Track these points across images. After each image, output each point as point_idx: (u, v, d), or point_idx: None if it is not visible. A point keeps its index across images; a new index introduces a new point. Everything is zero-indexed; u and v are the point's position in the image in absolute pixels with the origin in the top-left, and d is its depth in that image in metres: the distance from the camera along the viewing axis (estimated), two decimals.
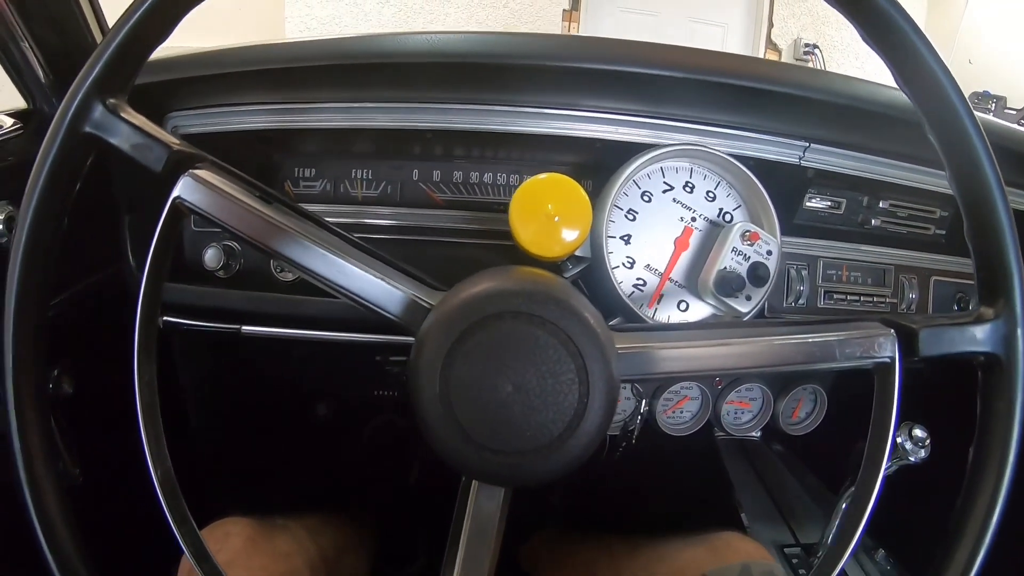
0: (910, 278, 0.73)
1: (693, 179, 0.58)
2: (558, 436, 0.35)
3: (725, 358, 0.41)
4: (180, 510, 0.42)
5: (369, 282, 0.40)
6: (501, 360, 0.35)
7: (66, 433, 0.69)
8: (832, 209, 0.69)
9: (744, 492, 0.78)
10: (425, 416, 0.36)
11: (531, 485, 0.38)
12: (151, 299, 0.42)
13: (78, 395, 0.70)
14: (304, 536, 0.67)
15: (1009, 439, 0.39)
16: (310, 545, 0.66)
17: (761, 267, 0.54)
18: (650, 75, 0.57)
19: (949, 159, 0.41)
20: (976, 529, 0.39)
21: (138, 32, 0.42)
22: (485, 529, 0.40)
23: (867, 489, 0.42)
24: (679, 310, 0.57)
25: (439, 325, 0.36)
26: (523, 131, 0.60)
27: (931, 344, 0.41)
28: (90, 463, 0.72)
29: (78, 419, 0.71)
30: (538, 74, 0.58)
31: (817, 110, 0.62)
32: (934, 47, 0.40)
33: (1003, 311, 0.40)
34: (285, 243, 0.41)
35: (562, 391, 0.35)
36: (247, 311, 0.64)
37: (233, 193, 0.41)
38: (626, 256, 0.56)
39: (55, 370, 0.67)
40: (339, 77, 0.60)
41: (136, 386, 0.42)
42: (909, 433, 0.68)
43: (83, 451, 0.71)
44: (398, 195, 0.66)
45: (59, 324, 0.69)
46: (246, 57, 0.59)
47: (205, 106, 0.64)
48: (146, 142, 0.42)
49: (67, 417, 0.70)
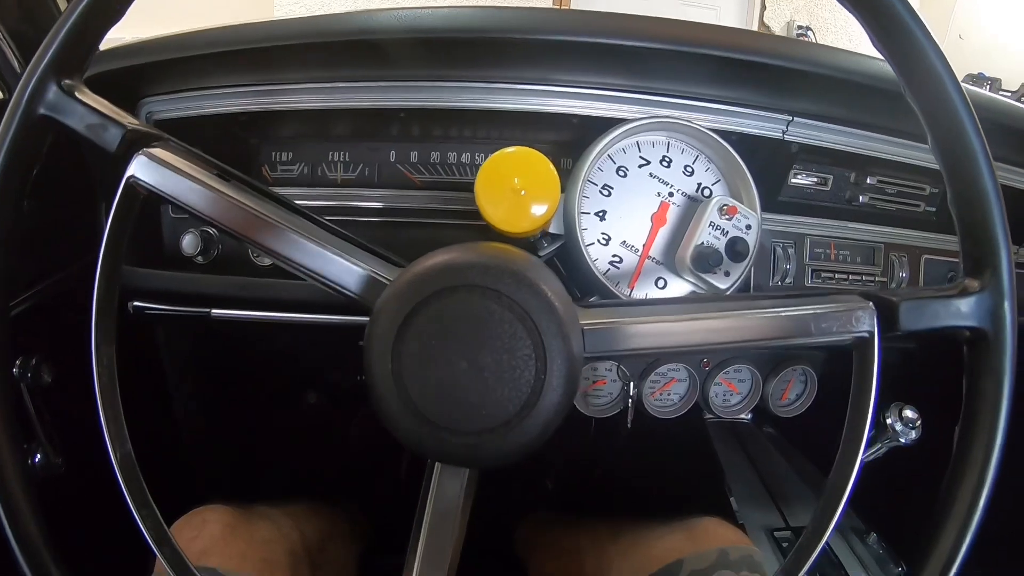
0: (900, 256, 0.71)
1: (670, 153, 0.57)
2: (515, 414, 0.34)
3: (695, 333, 0.39)
4: (140, 493, 0.41)
5: (327, 259, 0.39)
6: (455, 336, 0.34)
7: (47, 423, 0.69)
8: (818, 185, 0.67)
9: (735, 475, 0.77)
10: (378, 395, 0.35)
11: (491, 465, 0.37)
12: (108, 280, 0.42)
13: (59, 385, 0.69)
14: (287, 524, 0.66)
15: (997, 419, 0.38)
16: (292, 533, 0.65)
17: (740, 242, 0.53)
18: (627, 47, 0.56)
19: (930, 123, 0.39)
20: (962, 514, 0.38)
21: (92, 13, 0.41)
22: (448, 512, 0.39)
23: (845, 472, 0.40)
24: (657, 287, 0.56)
25: (392, 299, 0.35)
26: (498, 108, 0.59)
27: (912, 318, 0.39)
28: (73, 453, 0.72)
29: (60, 409, 0.70)
30: (513, 48, 0.57)
31: (800, 82, 0.60)
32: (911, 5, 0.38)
33: (989, 283, 0.38)
34: (241, 221, 0.40)
35: (518, 368, 0.34)
36: (223, 296, 0.64)
37: (188, 171, 0.41)
38: (601, 232, 0.54)
39: (33, 359, 0.67)
40: (311, 56, 0.59)
41: (94, 369, 0.41)
42: (899, 414, 0.67)
43: (65, 441, 0.71)
44: (376, 177, 0.65)
45: (39, 312, 0.68)
46: (216, 39, 0.58)
47: (178, 91, 0.64)
48: (101, 122, 0.42)
49: (48, 407, 0.70)
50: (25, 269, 0.69)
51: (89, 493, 0.72)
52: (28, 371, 0.67)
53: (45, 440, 0.69)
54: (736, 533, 0.63)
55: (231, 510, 0.62)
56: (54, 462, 0.70)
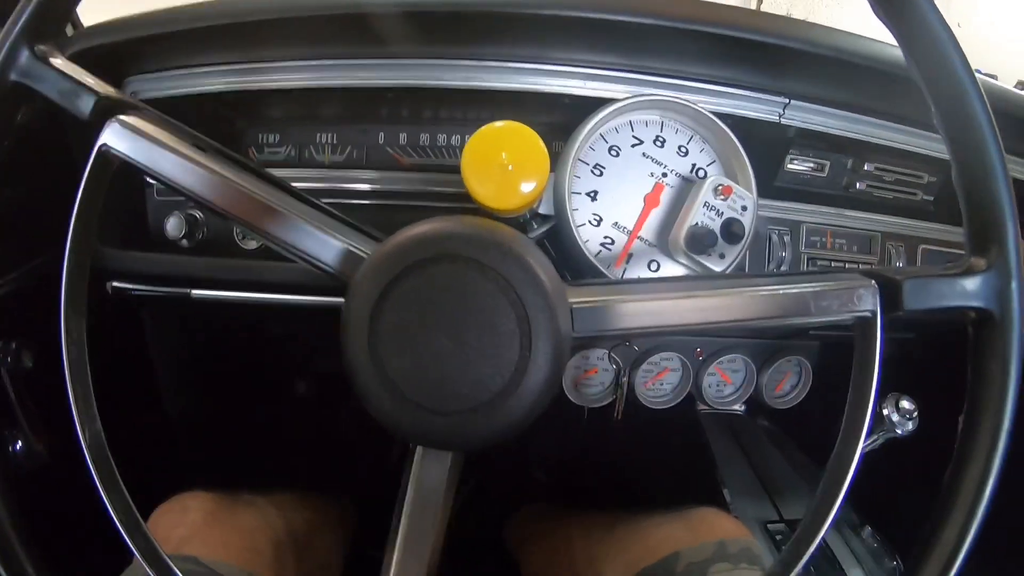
0: (897, 246, 0.70)
1: (664, 133, 0.55)
2: (498, 393, 0.32)
3: (689, 312, 0.38)
4: (110, 475, 0.39)
5: (303, 231, 0.38)
6: (435, 310, 0.32)
7: (29, 410, 0.68)
8: (815, 171, 0.66)
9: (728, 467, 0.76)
10: (355, 373, 0.33)
11: (474, 448, 0.36)
12: (78, 252, 0.40)
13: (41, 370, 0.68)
14: (272, 512, 0.65)
15: (1004, 404, 0.36)
16: (278, 522, 0.64)
17: (735, 223, 0.51)
18: (622, 23, 0.54)
19: (934, 95, 0.38)
20: (967, 505, 0.36)
21: None
22: (429, 498, 0.38)
23: (845, 461, 0.38)
24: (650, 270, 0.54)
25: (369, 272, 0.33)
26: (489, 87, 0.57)
27: (916, 297, 0.37)
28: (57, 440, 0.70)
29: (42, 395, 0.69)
30: (505, 24, 0.56)
31: (798, 63, 0.59)
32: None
33: (996, 261, 0.36)
34: (215, 191, 0.39)
35: (502, 344, 0.32)
36: (206, 278, 0.62)
37: (162, 139, 0.39)
38: (592, 213, 0.53)
39: (13, 343, 0.65)
40: (297, 33, 0.57)
41: (63, 341, 0.40)
42: (896, 404, 0.66)
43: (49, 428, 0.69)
44: (364, 159, 0.64)
45: (19, 297, 0.67)
46: (201, 13, 0.57)
47: (163, 69, 0.62)
48: (74, 88, 0.40)
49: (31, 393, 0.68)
50: (4, 253, 0.68)
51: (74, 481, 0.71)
52: (8, 356, 0.66)
53: (27, 427, 0.68)
54: (735, 524, 0.62)
55: (214, 497, 0.61)
56: (36, 450, 0.68)
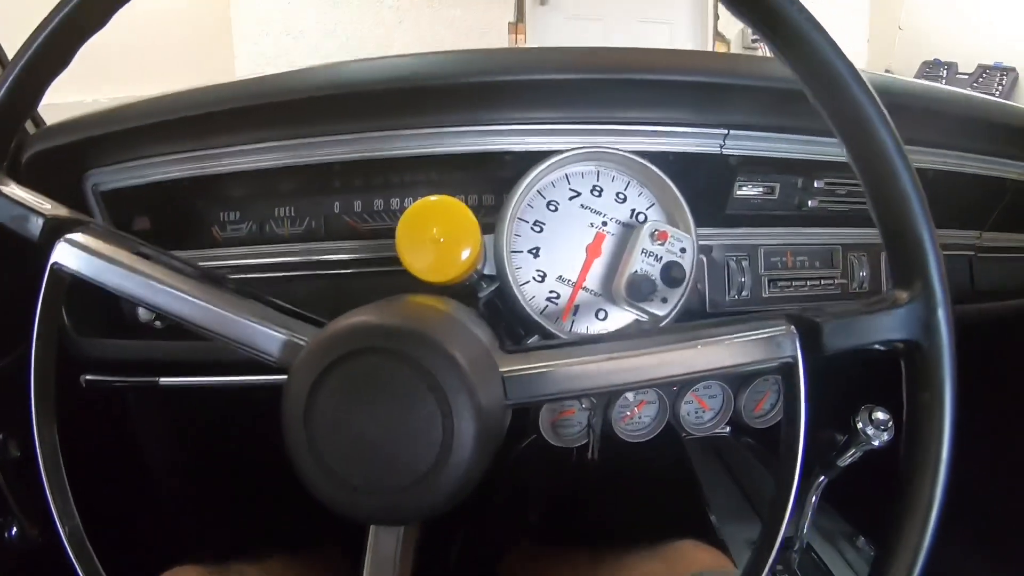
0: (859, 256, 0.71)
1: (600, 182, 0.57)
2: (427, 472, 0.34)
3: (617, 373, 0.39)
4: (91, 566, 0.42)
5: (246, 327, 0.40)
6: (362, 398, 0.34)
7: (21, 495, 0.70)
8: (766, 195, 0.67)
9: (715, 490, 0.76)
10: (293, 457, 0.35)
11: (415, 520, 0.37)
12: (43, 364, 0.43)
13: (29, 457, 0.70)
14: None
15: (941, 434, 0.35)
16: None
17: (675, 266, 0.52)
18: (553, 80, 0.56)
19: (839, 128, 0.37)
20: (913, 542, 0.35)
21: (5, 109, 0.43)
22: (384, 568, 0.39)
23: (781, 504, 0.39)
24: (598, 319, 0.56)
25: (303, 364, 0.35)
26: (431, 152, 0.59)
27: (837, 337, 0.37)
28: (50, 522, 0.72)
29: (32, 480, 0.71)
30: (439, 94, 0.57)
31: (732, 96, 0.61)
32: (806, 10, 0.37)
33: (919, 293, 0.36)
34: (164, 298, 0.41)
35: (424, 427, 0.34)
36: (175, 361, 0.64)
37: (108, 254, 0.41)
38: (536, 269, 0.55)
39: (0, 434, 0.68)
40: (243, 120, 0.59)
41: (37, 449, 0.42)
42: (870, 417, 0.66)
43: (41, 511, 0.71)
44: (323, 229, 0.66)
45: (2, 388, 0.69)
46: (149, 109, 0.59)
47: (121, 161, 0.65)
48: (23, 213, 0.43)
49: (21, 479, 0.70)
50: None
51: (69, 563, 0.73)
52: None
53: (19, 513, 0.70)
54: (712, 554, 0.62)
55: (203, 570, 0.62)
56: (30, 534, 0.70)
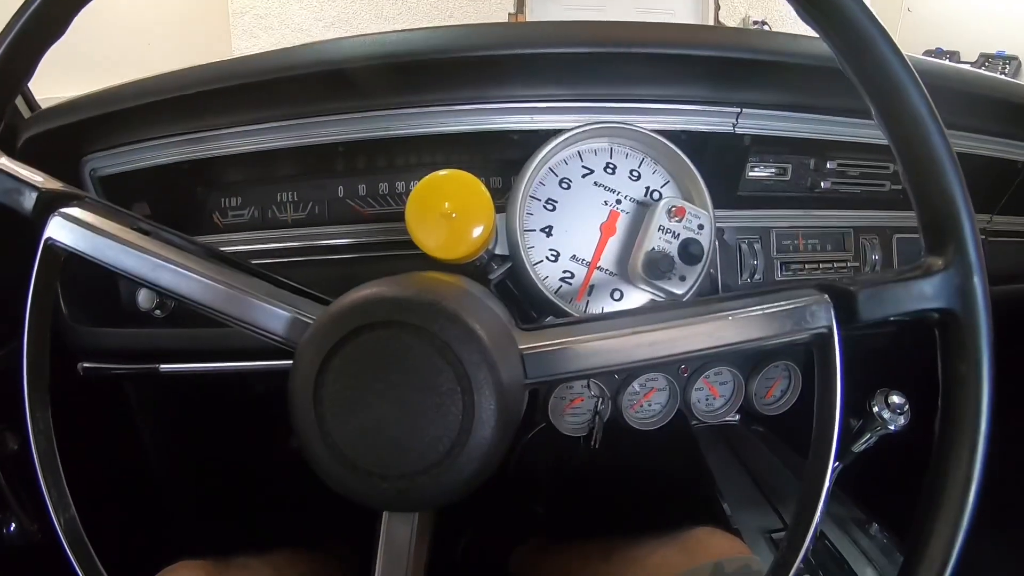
0: (871, 239, 0.69)
1: (614, 159, 0.55)
2: (447, 453, 0.32)
3: (640, 348, 0.37)
4: (88, 559, 0.40)
5: (249, 304, 0.38)
6: (374, 376, 0.32)
7: (18, 490, 0.68)
8: (778, 176, 0.66)
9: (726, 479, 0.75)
10: (303, 442, 0.33)
11: (431, 507, 0.35)
12: (36, 346, 0.41)
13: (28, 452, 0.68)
14: (268, 573, 0.64)
15: (979, 407, 0.34)
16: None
17: (693, 243, 0.51)
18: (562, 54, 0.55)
19: (871, 94, 0.36)
20: (952, 516, 0.34)
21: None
22: (399, 557, 0.37)
23: (817, 483, 0.37)
24: (613, 299, 0.54)
25: (310, 342, 0.33)
26: (436, 131, 0.58)
27: (872, 306, 0.36)
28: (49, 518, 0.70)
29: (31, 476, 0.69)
30: (443, 69, 0.56)
31: (744, 72, 0.59)
32: None
33: (954, 259, 0.35)
34: (163, 274, 0.39)
35: (444, 404, 0.32)
36: (176, 350, 0.62)
37: (105, 228, 0.40)
38: (549, 249, 0.53)
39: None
40: (239, 99, 0.58)
41: (31, 436, 0.40)
42: (886, 401, 0.64)
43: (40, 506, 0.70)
44: (327, 214, 0.64)
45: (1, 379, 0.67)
46: (144, 89, 0.58)
47: (118, 145, 0.63)
48: (16, 186, 0.41)
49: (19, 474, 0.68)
50: None
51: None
52: None
53: (18, 509, 0.68)
54: (731, 541, 0.61)
55: (207, 565, 0.60)
56: (30, 529, 0.69)
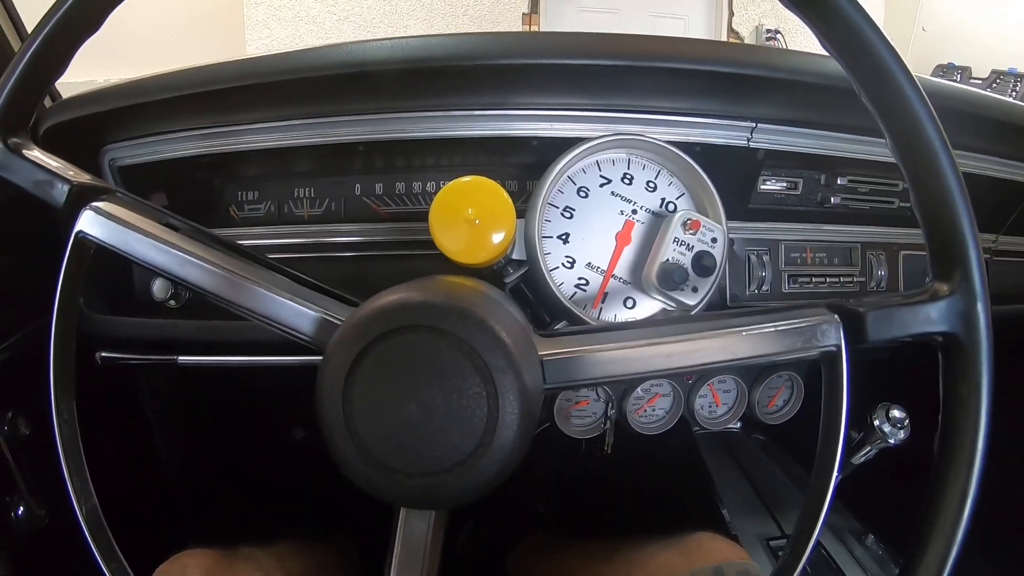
0: (878, 255, 0.70)
1: (631, 170, 0.56)
2: (470, 454, 0.33)
3: (657, 359, 0.39)
4: (108, 547, 0.41)
5: (278, 303, 0.39)
6: (403, 377, 0.33)
7: (28, 475, 0.68)
8: (789, 190, 0.67)
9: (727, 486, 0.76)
10: (330, 439, 0.34)
11: (452, 505, 0.36)
12: (63, 336, 0.42)
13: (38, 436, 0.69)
14: (272, 565, 0.65)
15: (977, 427, 0.36)
16: (277, 573, 0.64)
17: (706, 256, 0.52)
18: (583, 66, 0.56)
19: (887, 123, 0.38)
20: (945, 536, 0.36)
21: (32, 70, 0.42)
22: (415, 553, 0.38)
23: (820, 495, 0.39)
24: (626, 307, 0.55)
25: (340, 343, 0.34)
26: (456, 135, 0.58)
27: (880, 328, 0.37)
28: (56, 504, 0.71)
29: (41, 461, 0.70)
30: (467, 75, 0.57)
31: (761, 88, 0.60)
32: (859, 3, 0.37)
33: (959, 285, 0.36)
34: (189, 271, 0.40)
35: (469, 407, 0.33)
36: (192, 341, 0.63)
37: (136, 223, 0.40)
38: (565, 256, 0.54)
39: (9, 412, 0.66)
40: (264, 96, 0.58)
41: (55, 424, 0.41)
42: (886, 414, 0.66)
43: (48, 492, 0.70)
44: (343, 211, 0.65)
45: (14, 365, 0.68)
46: (169, 83, 0.58)
47: (138, 136, 0.63)
48: (48, 178, 0.42)
49: (29, 459, 0.69)
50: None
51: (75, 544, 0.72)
52: (5, 424, 0.67)
53: (27, 493, 0.68)
54: (731, 547, 0.62)
55: (213, 553, 0.61)
56: (37, 514, 0.69)
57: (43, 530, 0.69)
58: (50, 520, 0.70)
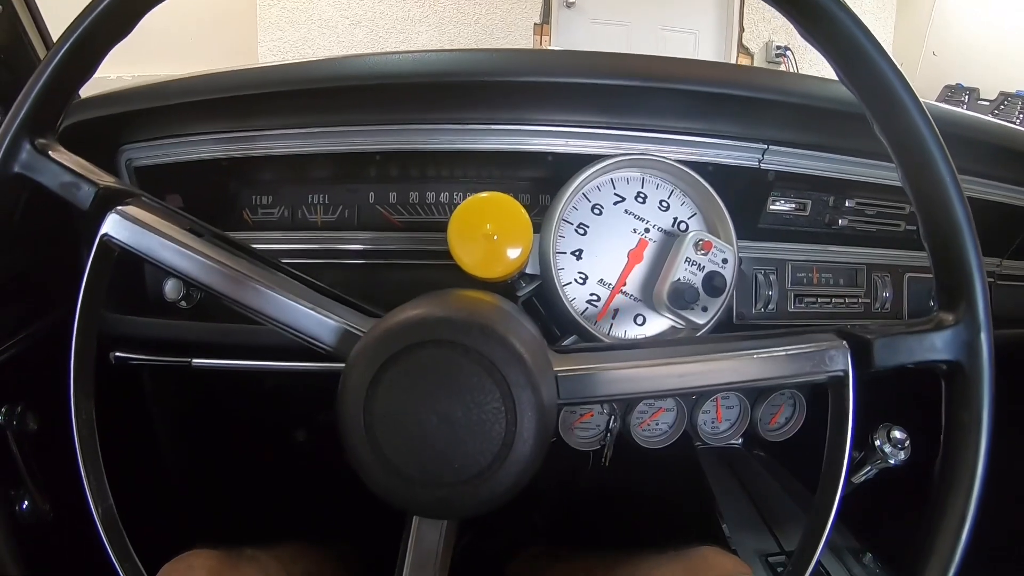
0: (883, 276, 0.71)
1: (645, 189, 0.57)
2: (487, 466, 0.34)
3: (669, 378, 0.39)
4: (123, 547, 0.41)
5: (300, 312, 0.40)
6: (424, 390, 0.34)
7: (34, 470, 0.69)
8: (797, 211, 0.68)
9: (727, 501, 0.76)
10: (351, 447, 0.35)
11: (467, 516, 0.37)
12: (85, 336, 0.42)
13: (46, 432, 0.69)
14: (275, 567, 0.66)
15: (977, 453, 0.37)
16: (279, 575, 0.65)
17: (717, 276, 0.53)
18: (599, 85, 0.56)
19: (899, 156, 0.39)
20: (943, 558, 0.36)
21: (62, 73, 0.42)
22: (426, 562, 0.39)
23: (823, 514, 0.39)
24: (636, 324, 0.56)
25: (363, 354, 0.35)
26: (473, 148, 0.59)
27: (887, 355, 0.39)
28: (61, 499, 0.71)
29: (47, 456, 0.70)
30: (486, 90, 0.58)
31: (773, 111, 0.61)
32: (875, 36, 0.38)
33: (964, 316, 0.38)
34: (212, 277, 0.40)
35: (488, 420, 0.34)
36: (205, 343, 0.64)
37: (160, 228, 0.41)
38: (578, 272, 0.55)
39: (18, 406, 0.67)
40: (285, 103, 0.59)
41: (73, 424, 0.42)
42: (887, 435, 0.66)
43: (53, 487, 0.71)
44: (356, 219, 0.65)
45: (23, 360, 0.68)
46: (191, 87, 0.59)
47: (157, 138, 0.64)
48: (74, 180, 0.42)
49: (36, 454, 0.69)
50: (8, 316, 0.69)
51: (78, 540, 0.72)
52: (13, 418, 0.67)
53: (32, 487, 0.69)
54: (735, 562, 0.62)
55: (217, 554, 0.61)
56: (42, 509, 0.70)
57: (47, 525, 0.70)
58: (55, 516, 0.70)
